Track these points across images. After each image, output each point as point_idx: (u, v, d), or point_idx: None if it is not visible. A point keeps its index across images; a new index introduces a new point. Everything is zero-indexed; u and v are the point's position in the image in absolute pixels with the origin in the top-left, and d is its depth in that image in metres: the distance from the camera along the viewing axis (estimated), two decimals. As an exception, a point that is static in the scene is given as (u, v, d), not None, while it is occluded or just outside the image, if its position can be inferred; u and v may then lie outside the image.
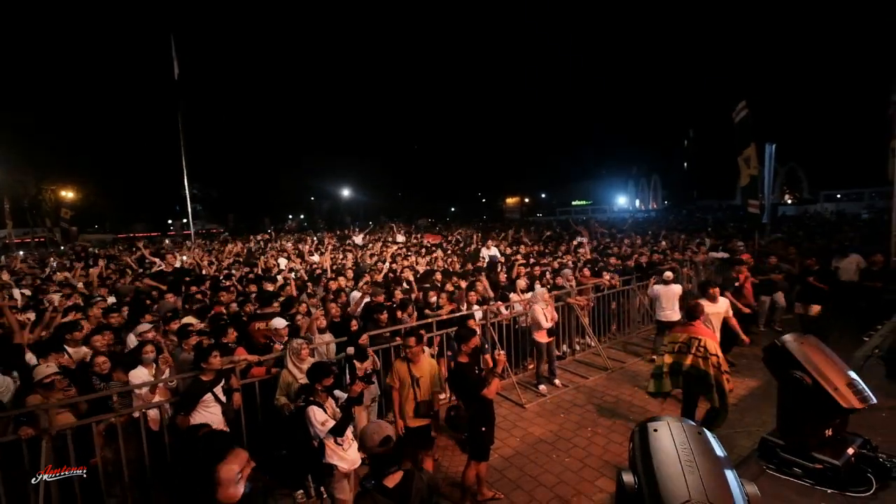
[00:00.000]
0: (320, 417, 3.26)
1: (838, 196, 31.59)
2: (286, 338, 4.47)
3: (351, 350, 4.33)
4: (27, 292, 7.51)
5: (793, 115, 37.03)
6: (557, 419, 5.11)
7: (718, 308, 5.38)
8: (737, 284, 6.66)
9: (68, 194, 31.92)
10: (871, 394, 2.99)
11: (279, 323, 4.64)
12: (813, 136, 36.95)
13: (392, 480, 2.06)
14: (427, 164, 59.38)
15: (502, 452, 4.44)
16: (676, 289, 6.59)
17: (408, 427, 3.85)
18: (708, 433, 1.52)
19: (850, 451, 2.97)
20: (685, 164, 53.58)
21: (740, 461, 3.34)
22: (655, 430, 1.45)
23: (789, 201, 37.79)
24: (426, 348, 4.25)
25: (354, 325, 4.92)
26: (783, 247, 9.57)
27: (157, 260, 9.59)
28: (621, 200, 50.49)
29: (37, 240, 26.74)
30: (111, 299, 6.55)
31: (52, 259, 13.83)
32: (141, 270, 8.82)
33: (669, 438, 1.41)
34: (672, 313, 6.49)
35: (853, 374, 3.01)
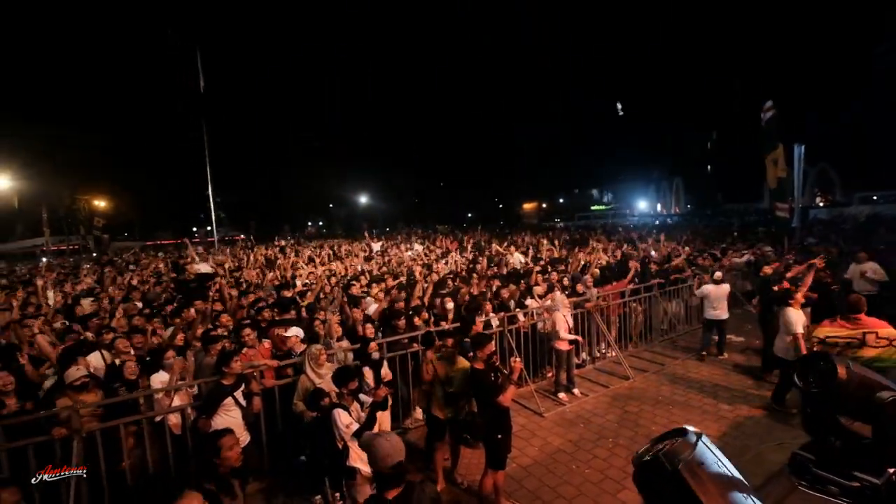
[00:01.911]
0: (345, 420, 3.29)
1: (874, 198, 30.15)
2: (299, 346, 4.53)
3: (376, 355, 4.37)
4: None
5: (823, 114, 35.57)
6: (577, 429, 5.01)
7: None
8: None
9: (101, 204, 33.30)
10: None
11: (294, 332, 4.70)
12: (845, 135, 35.41)
13: (392, 493, 2.05)
14: (444, 170, 59.67)
15: (520, 462, 4.38)
16: (726, 288, 6.85)
17: (437, 417, 4.03)
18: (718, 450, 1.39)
19: (892, 469, 2.80)
20: (708, 167, 52.19)
21: (771, 476, 3.20)
22: (701, 464, 1.28)
23: (821, 204, 36.32)
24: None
25: (370, 329, 4.91)
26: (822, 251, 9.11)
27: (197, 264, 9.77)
28: (642, 204, 49.56)
29: (71, 247, 27.95)
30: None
31: (84, 266, 14.43)
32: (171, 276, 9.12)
33: (720, 470, 1.28)
34: (721, 311, 6.74)
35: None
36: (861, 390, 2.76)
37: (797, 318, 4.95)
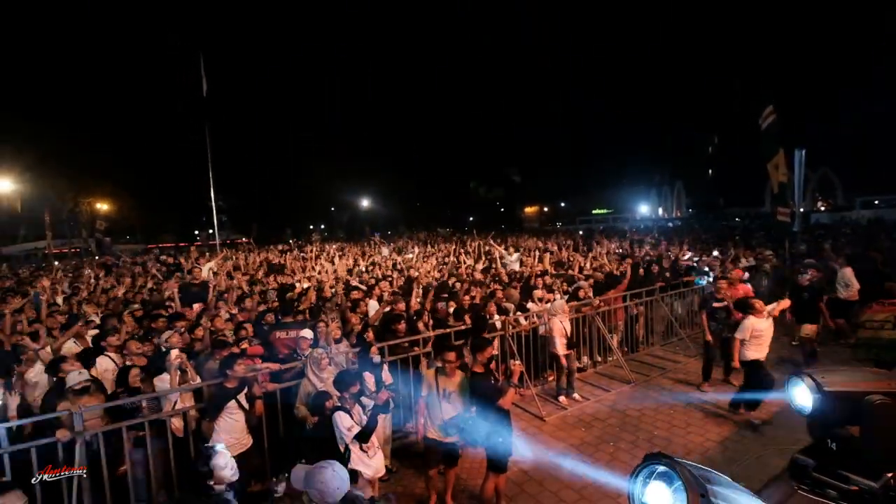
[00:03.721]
0: (346, 423, 3.31)
1: (876, 202, 30.09)
2: (308, 349, 4.54)
3: (377, 358, 4.37)
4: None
5: (824, 117, 35.51)
6: (578, 433, 5.01)
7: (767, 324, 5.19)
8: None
9: (103, 207, 33.43)
10: None
11: (307, 334, 4.71)
12: (847, 138, 35.32)
13: None
14: (445, 173, 59.75)
15: (522, 466, 4.38)
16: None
17: (432, 439, 3.79)
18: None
19: (889, 472, 2.80)
20: (710, 171, 52.18)
21: (771, 480, 3.21)
22: (710, 479, 1.23)
23: (822, 208, 36.27)
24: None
25: (371, 335, 4.92)
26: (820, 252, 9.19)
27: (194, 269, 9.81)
28: (643, 209, 49.53)
29: (73, 250, 28.04)
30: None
31: (86, 269, 14.46)
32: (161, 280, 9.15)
33: (716, 476, 1.27)
34: None
35: None
36: (847, 403, 2.70)
37: (747, 324, 5.10)
